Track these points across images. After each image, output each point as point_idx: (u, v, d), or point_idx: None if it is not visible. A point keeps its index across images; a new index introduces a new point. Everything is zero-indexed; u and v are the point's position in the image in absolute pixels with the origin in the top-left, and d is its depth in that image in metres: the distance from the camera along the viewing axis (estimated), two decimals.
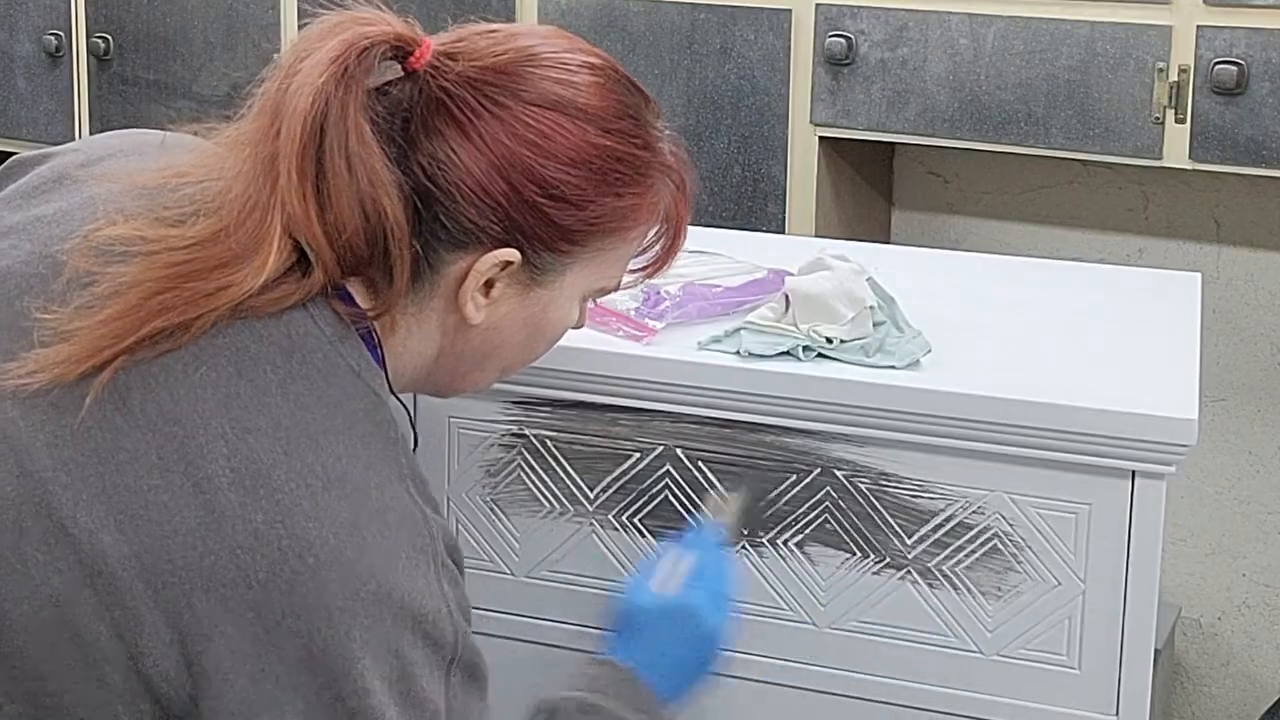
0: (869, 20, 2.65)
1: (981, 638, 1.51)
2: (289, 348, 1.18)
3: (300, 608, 1.12)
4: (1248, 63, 2.42)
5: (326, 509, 1.14)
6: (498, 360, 1.33)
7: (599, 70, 1.28)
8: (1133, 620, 1.47)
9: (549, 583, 1.63)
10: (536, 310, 1.30)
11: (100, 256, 1.19)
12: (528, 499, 1.62)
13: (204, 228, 1.19)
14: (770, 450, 1.54)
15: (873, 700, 1.55)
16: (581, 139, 1.25)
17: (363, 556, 1.14)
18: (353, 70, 1.19)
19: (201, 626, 1.12)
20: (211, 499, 1.13)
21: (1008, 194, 3.01)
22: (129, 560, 1.13)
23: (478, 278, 1.25)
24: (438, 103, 1.23)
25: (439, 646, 1.18)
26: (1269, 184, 2.77)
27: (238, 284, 1.17)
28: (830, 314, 1.54)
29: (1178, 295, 1.78)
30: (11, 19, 3.31)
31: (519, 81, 1.24)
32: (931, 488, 1.50)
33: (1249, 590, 2.95)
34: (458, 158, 1.22)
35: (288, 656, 1.12)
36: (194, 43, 3.14)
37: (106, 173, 1.28)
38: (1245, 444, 2.90)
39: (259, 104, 1.21)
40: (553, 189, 1.24)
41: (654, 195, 1.31)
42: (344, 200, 1.18)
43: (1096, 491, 1.46)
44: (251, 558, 1.12)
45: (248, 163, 1.20)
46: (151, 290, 1.16)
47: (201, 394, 1.15)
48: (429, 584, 1.17)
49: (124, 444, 1.15)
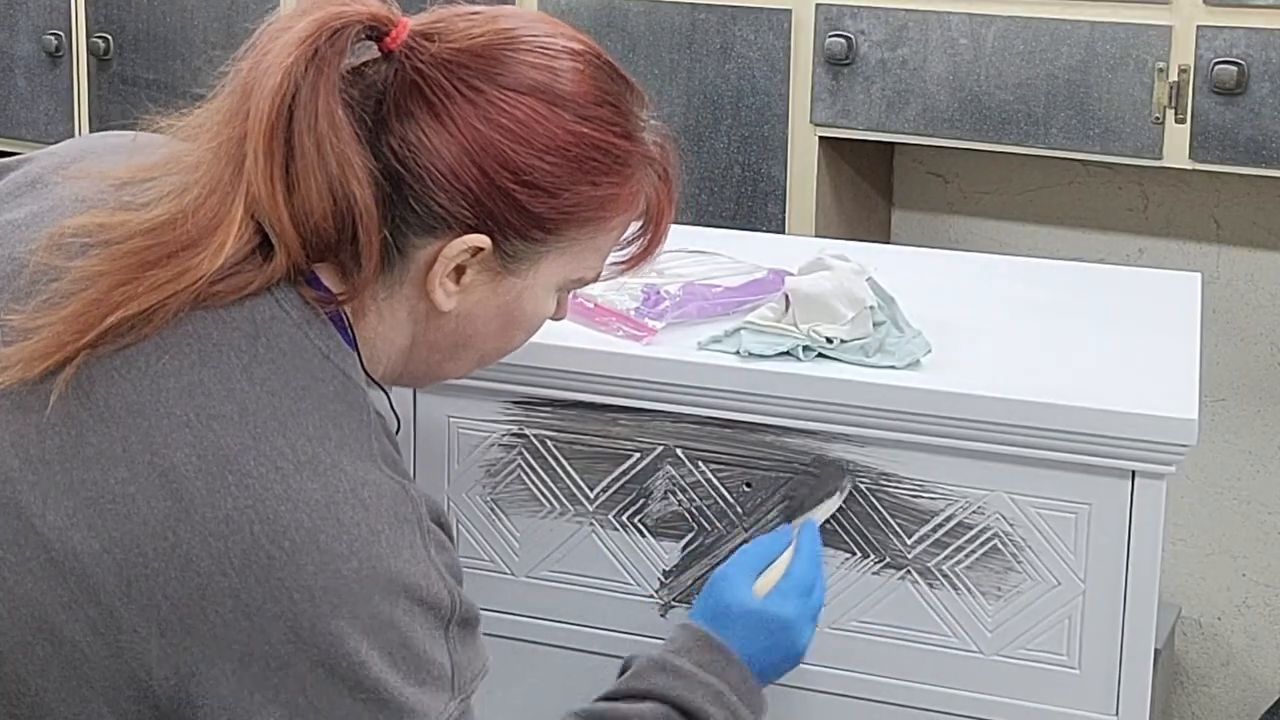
0: (869, 20, 2.65)
1: (981, 638, 1.51)
2: (253, 332, 1.17)
3: (279, 591, 1.11)
4: (1248, 63, 2.42)
5: (299, 490, 1.13)
6: (472, 350, 1.31)
7: (579, 56, 1.26)
8: (1133, 620, 1.47)
9: (549, 583, 1.63)
10: (509, 299, 1.28)
11: (62, 251, 1.18)
12: (528, 499, 1.62)
13: (163, 210, 1.18)
14: (770, 450, 1.54)
15: (873, 700, 1.55)
16: (557, 125, 1.23)
17: (341, 536, 1.13)
18: (323, 51, 1.17)
19: (180, 616, 1.11)
20: (179, 488, 1.12)
21: (1008, 194, 3.01)
22: (101, 556, 1.12)
23: (446, 264, 1.23)
24: (411, 84, 1.21)
25: (435, 609, 1.17)
26: (1269, 184, 2.77)
27: (195, 268, 1.15)
28: (830, 314, 1.54)
29: (1178, 295, 1.78)
30: (11, 19, 3.31)
31: (495, 65, 1.22)
32: (931, 488, 1.50)
33: (1249, 590, 2.95)
34: (429, 141, 1.20)
35: (274, 638, 1.11)
36: (194, 43, 3.15)
37: (77, 172, 1.27)
38: (1245, 444, 2.90)
39: (230, 84, 1.20)
40: (526, 175, 1.22)
41: (633, 185, 1.28)
42: (311, 183, 1.16)
43: (1096, 491, 1.46)
44: (224, 544, 1.11)
45: (215, 142, 1.18)
46: (112, 283, 1.15)
47: (164, 383, 1.14)
48: (415, 553, 1.16)
49: (89, 439, 1.14)
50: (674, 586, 1.59)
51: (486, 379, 1.56)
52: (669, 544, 1.59)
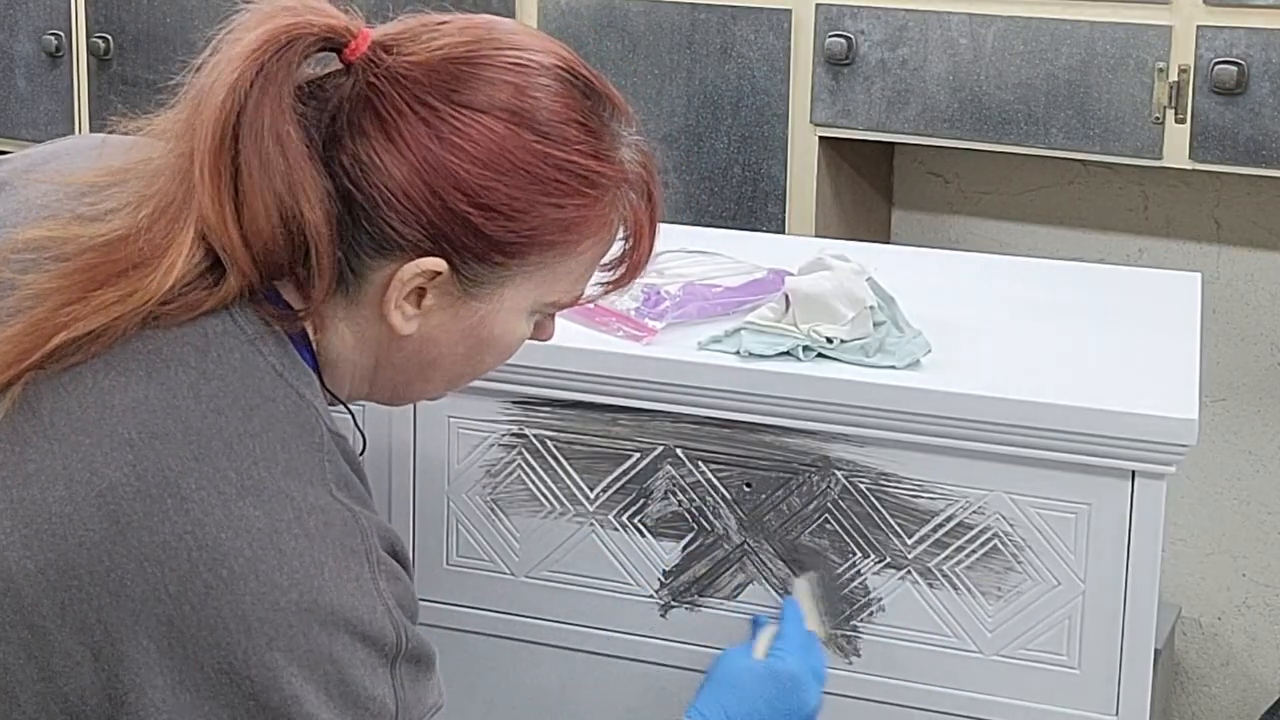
0: (869, 20, 2.65)
1: (981, 638, 1.51)
2: (203, 347, 1.12)
3: (215, 620, 1.07)
4: (1248, 63, 2.42)
5: (241, 517, 1.08)
6: (440, 372, 1.26)
7: (549, 70, 1.19)
8: (1133, 620, 1.47)
9: (549, 583, 1.63)
10: (473, 323, 1.22)
11: (13, 264, 1.15)
12: (528, 499, 1.62)
13: (116, 226, 1.14)
14: (770, 450, 1.54)
15: (873, 700, 1.55)
16: (515, 145, 1.16)
17: (283, 566, 1.09)
18: (270, 66, 1.12)
19: (114, 642, 1.08)
20: (116, 510, 1.08)
21: (1008, 194, 3.01)
22: (35, 576, 1.08)
23: (400, 287, 1.17)
24: (364, 100, 1.16)
25: (379, 645, 1.13)
26: (1269, 184, 2.77)
27: (143, 289, 1.11)
28: (830, 314, 1.54)
29: (1178, 295, 1.78)
30: (11, 19, 3.31)
31: (452, 81, 1.16)
32: (931, 488, 1.50)
33: (1249, 590, 2.95)
34: (380, 160, 1.15)
35: (207, 668, 1.08)
36: (194, 43, 3.12)
37: (44, 175, 1.23)
38: (1245, 444, 2.90)
39: (184, 97, 1.16)
40: (481, 198, 1.16)
41: (603, 207, 1.21)
42: (258, 204, 1.12)
43: (1096, 491, 1.46)
44: (161, 570, 1.07)
45: (168, 158, 1.15)
46: (59, 301, 1.11)
47: (109, 400, 1.11)
48: (361, 585, 1.12)
49: (31, 455, 1.10)
50: (674, 586, 1.59)
51: (486, 379, 1.56)
52: (669, 544, 1.59)
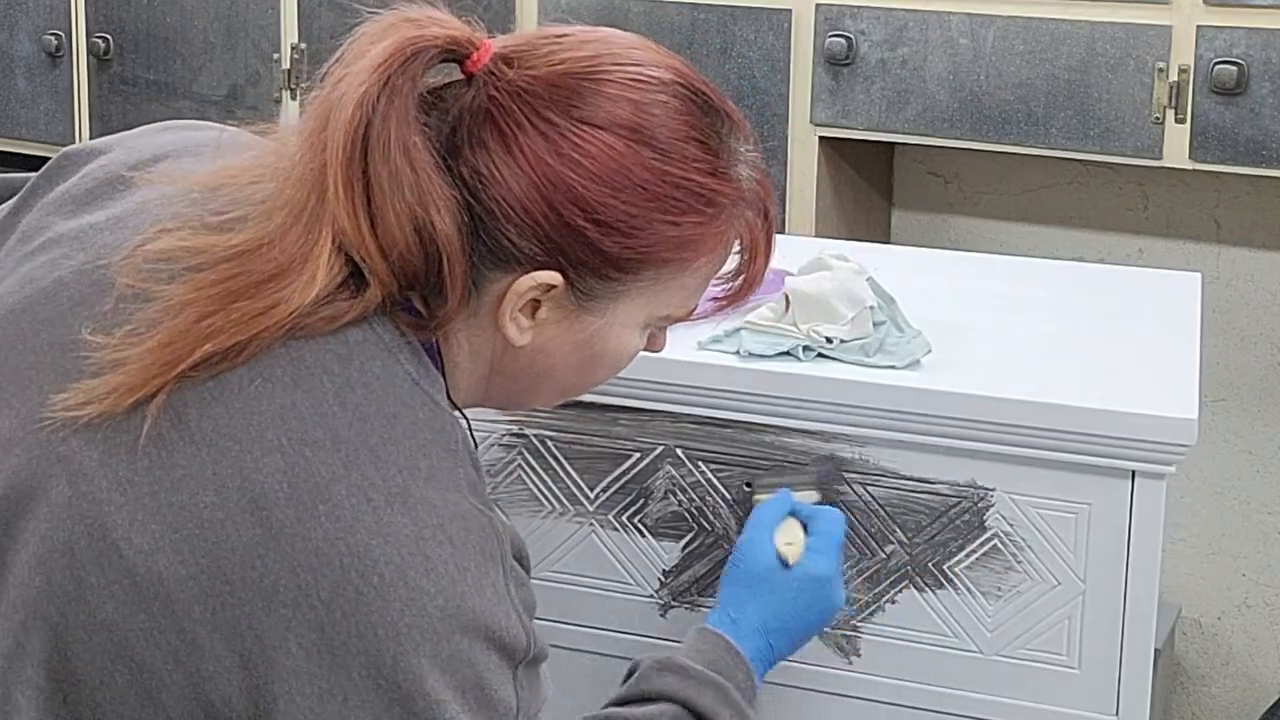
0: (869, 20, 2.65)
1: (981, 638, 1.51)
2: (346, 355, 1.13)
3: (365, 627, 1.08)
4: (1248, 63, 2.42)
5: (389, 524, 1.10)
6: (553, 383, 1.26)
7: (669, 87, 1.19)
8: (1133, 620, 1.47)
9: (549, 583, 1.63)
10: (587, 336, 1.22)
11: (148, 274, 1.15)
12: (528, 499, 1.62)
13: (250, 234, 1.15)
14: (770, 450, 1.54)
15: (873, 700, 1.55)
16: (634, 162, 1.16)
17: (429, 572, 1.10)
18: (396, 79, 1.13)
19: (264, 648, 1.09)
20: (268, 515, 1.09)
21: (1008, 194, 3.01)
22: (186, 582, 1.09)
23: (516, 299, 1.18)
24: (485, 112, 1.16)
25: (509, 651, 1.14)
26: (1269, 184, 2.77)
27: (286, 300, 1.12)
28: (830, 314, 1.54)
29: (1178, 295, 1.78)
30: (11, 19, 3.32)
31: (572, 96, 1.17)
32: (931, 487, 1.50)
33: (1249, 590, 2.95)
34: (499, 173, 1.15)
35: (354, 674, 1.09)
36: (194, 43, 3.14)
37: (160, 175, 1.23)
38: (1245, 444, 2.90)
39: (311, 108, 1.16)
40: (597, 214, 1.16)
41: (719, 225, 1.21)
42: (391, 215, 1.13)
43: (1096, 491, 1.46)
44: (313, 576, 1.08)
45: (298, 168, 1.15)
46: (199, 313, 1.12)
47: (257, 407, 1.12)
48: (496, 591, 1.13)
49: (179, 462, 1.11)
50: (674, 586, 1.59)
51: None
52: (669, 544, 1.59)
